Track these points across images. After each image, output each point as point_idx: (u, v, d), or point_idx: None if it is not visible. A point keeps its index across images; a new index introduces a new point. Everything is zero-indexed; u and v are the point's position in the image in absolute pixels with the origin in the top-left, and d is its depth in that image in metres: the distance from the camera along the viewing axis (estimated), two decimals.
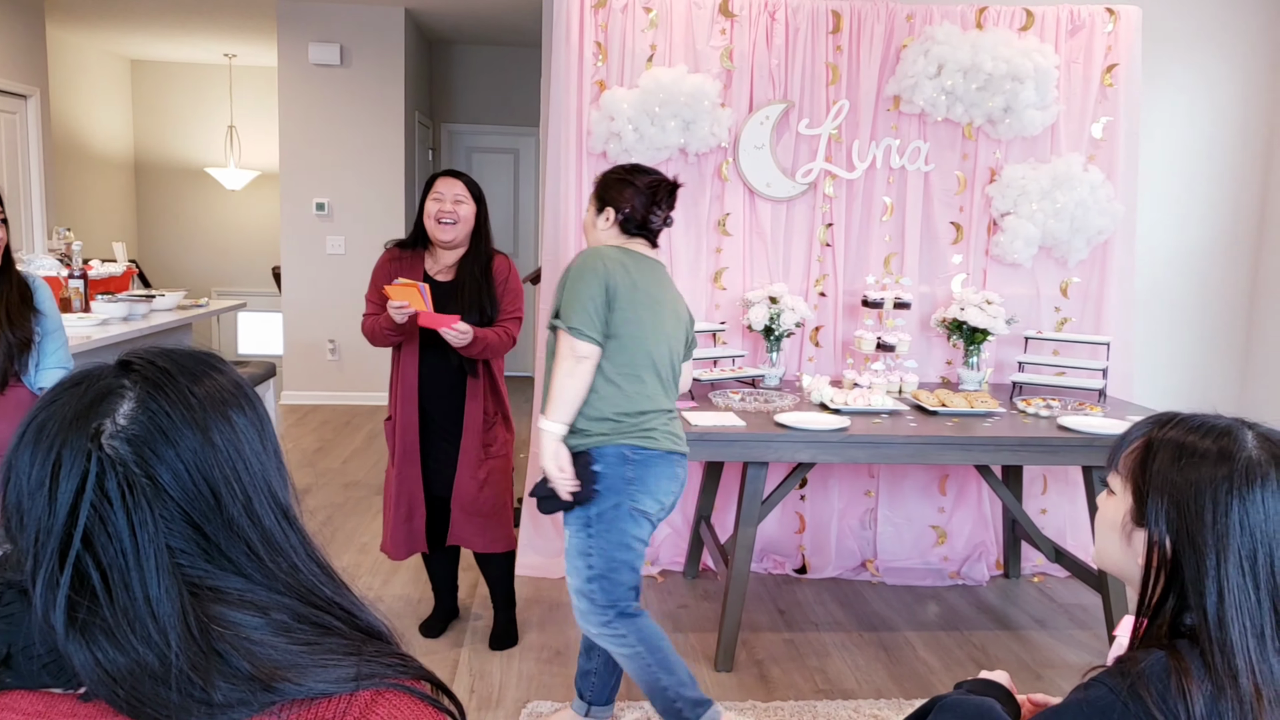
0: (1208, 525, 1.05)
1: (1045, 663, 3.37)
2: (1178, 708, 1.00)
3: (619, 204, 2.61)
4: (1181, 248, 4.51)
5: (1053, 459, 3.30)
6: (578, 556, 2.51)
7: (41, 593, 0.72)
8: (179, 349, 0.84)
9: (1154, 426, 1.15)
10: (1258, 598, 1.03)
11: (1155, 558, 1.10)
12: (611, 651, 2.56)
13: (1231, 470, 1.06)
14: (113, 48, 8.58)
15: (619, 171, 2.67)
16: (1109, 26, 4.01)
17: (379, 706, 0.75)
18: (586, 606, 2.53)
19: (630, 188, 2.62)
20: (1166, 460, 1.10)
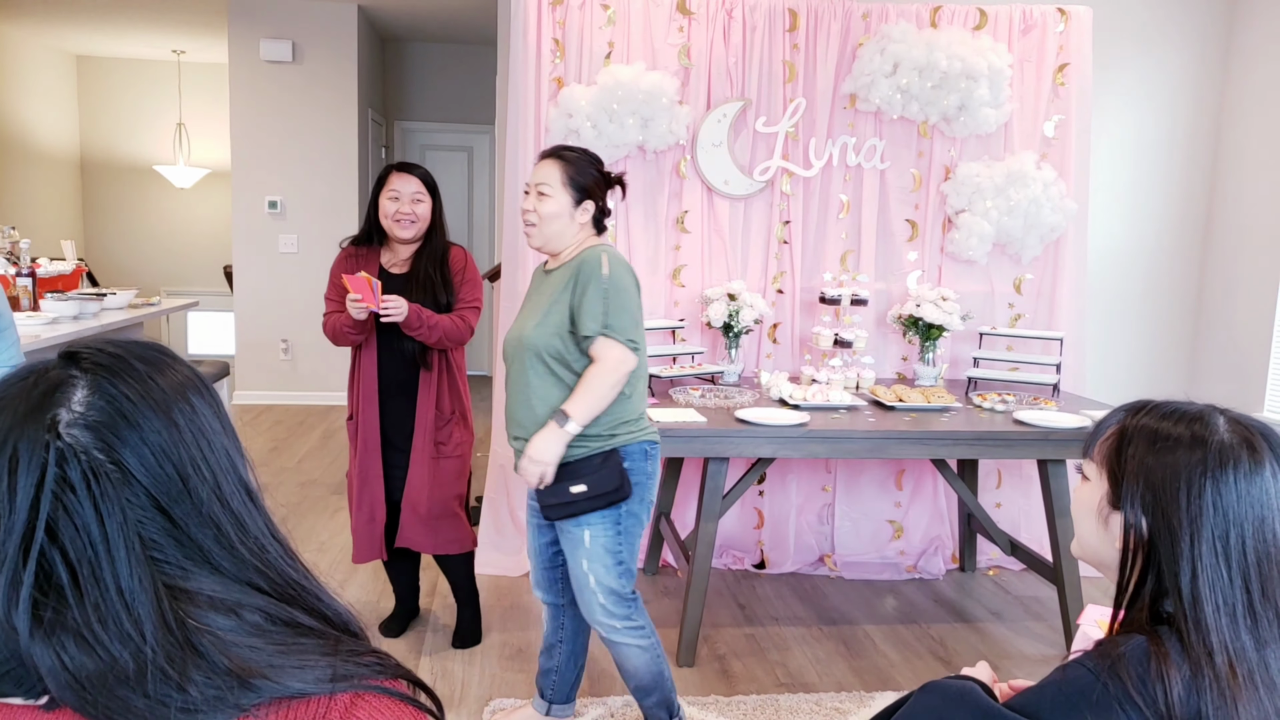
0: (1182, 507, 1.08)
1: (1002, 654, 3.42)
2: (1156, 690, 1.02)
3: (597, 197, 2.47)
4: (1131, 244, 4.61)
5: (1008, 453, 3.35)
6: (606, 555, 2.44)
7: (3, 593, 0.69)
8: (126, 339, 0.81)
9: (1128, 414, 1.18)
10: (1229, 577, 1.06)
11: (1131, 540, 1.12)
12: (625, 648, 2.50)
13: (1205, 454, 1.08)
14: (57, 43, 8.37)
15: (588, 157, 2.49)
16: (1060, 27, 4.08)
17: (359, 709, 0.74)
18: (613, 603, 2.47)
19: (602, 180, 2.49)
20: (1141, 446, 1.12)
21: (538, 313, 2.43)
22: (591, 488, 2.39)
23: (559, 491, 2.40)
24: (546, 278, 2.51)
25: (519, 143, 3.91)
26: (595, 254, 2.40)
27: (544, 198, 2.42)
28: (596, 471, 2.40)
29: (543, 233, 2.44)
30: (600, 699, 2.97)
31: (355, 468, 3.12)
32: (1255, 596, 1.06)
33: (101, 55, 8.88)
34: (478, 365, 8.05)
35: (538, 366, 2.40)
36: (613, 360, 2.35)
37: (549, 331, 2.39)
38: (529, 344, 2.41)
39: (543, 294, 2.47)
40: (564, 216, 2.42)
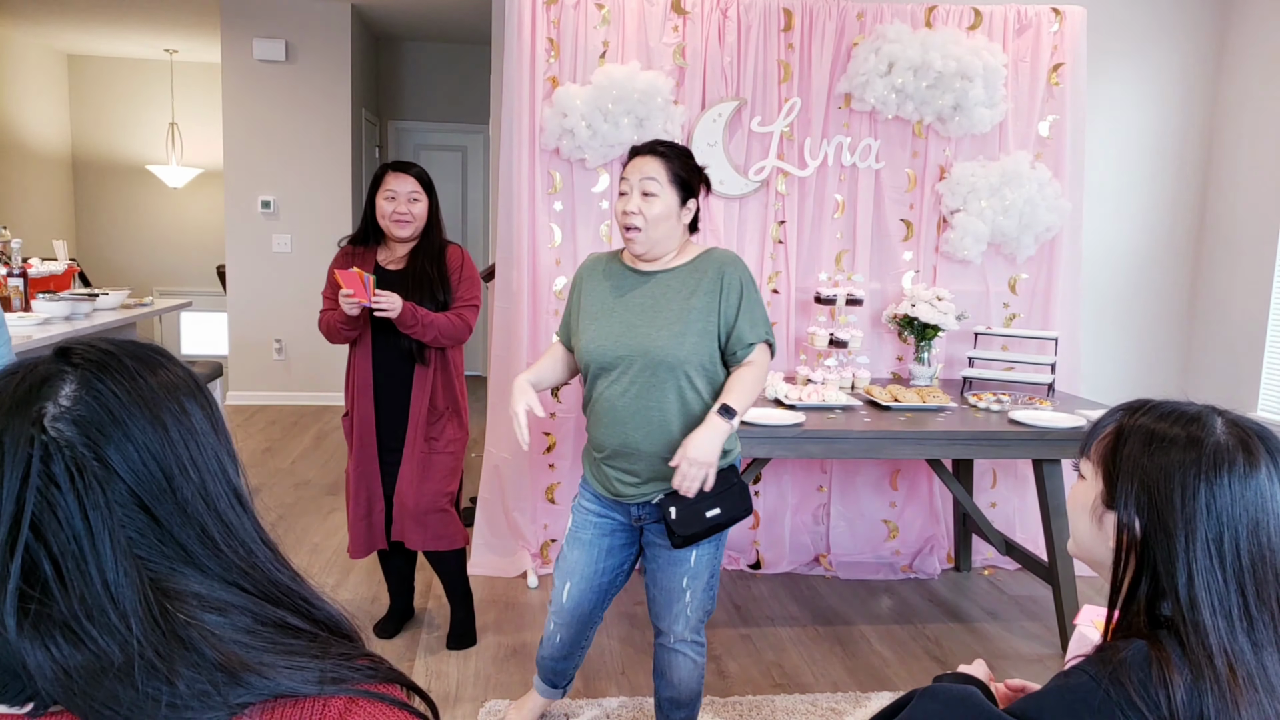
0: (1176, 508, 1.07)
1: (997, 654, 3.41)
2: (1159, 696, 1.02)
3: (697, 195, 2.31)
4: (1125, 244, 4.62)
5: (1004, 452, 3.35)
6: (707, 572, 2.35)
7: None
8: (122, 339, 0.81)
9: (1126, 413, 1.17)
10: (1224, 579, 1.05)
11: (1125, 540, 1.11)
12: (684, 659, 2.42)
13: (1200, 455, 1.08)
14: (49, 42, 8.34)
15: (683, 151, 2.30)
16: (1055, 26, 4.08)
17: (353, 715, 0.73)
18: (698, 619, 2.39)
19: (699, 173, 2.31)
20: (1137, 446, 1.12)
21: (672, 324, 2.22)
22: (724, 510, 2.27)
23: (693, 519, 2.24)
24: (649, 281, 2.30)
25: (513, 142, 3.90)
26: (734, 260, 2.28)
27: (650, 198, 2.22)
28: (725, 491, 2.27)
29: (649, 236, 2.23)
30: (595, 700, 2.96)
31: (352, 463, 3.12)
32: (1250, 599, 1.05)
33: (93, 54, 8.84)
34: (472, 365, 8.03)
35: (684, 383, 2.24)
36: (766, 364, 2.29)
37: (697, 344, 2.22)
38: (677, 361, 2.21)
39: (666, 301, 2.26)
40: (671, 218, 2.24)
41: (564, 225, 3.97)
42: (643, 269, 2.33)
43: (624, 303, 2.30)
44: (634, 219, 2.22)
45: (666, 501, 2.26)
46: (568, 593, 2.47)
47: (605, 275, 2.38)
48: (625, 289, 2.32)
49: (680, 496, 2.23)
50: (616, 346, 2.26)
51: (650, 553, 2.42)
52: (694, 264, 2.29)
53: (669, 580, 2.37)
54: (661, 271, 2.30)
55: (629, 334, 2.25)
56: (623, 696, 3.00)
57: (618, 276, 2.35)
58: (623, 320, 2.28)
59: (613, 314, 2.30)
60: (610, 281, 2.35)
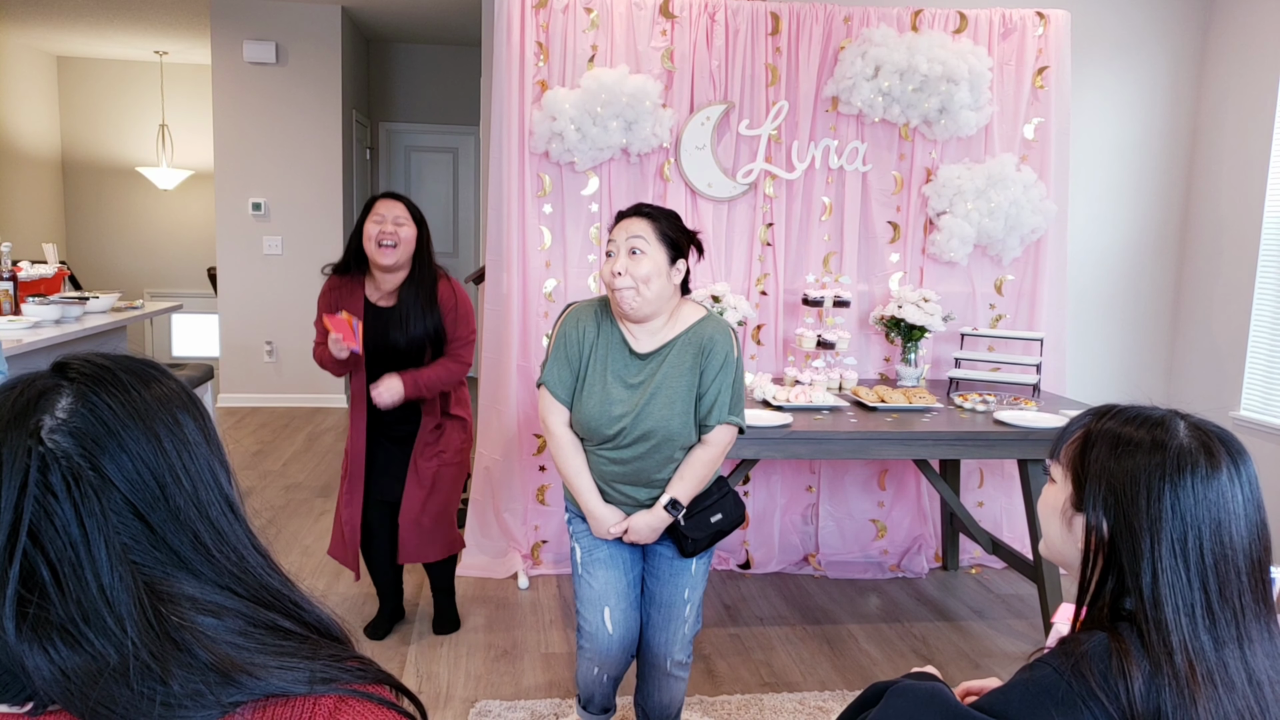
0: (1142, 510, 1.11)
1: (984, 652, 3.45)
2: (1118, 686, 1.05)
3: (688, 255, 2.31)
4: (1110, 246, 4.66)
5: (989, 453, 3.39)
6: (703, 582, 2.43)
7: None
8: (118, 354, 0.83)
9: (1094, 418, 1.21)
10: (1188, 578, 1.09)
11: (1093, 541, 1.15)
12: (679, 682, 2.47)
13: (1164, 458, 1.11)
14: (38, 43, 8.32)
15: (670, 213, 2.31)
16: (1039, 30, 4.12)
17: (343, 715, 0.76)
18: (693, 634, 2.45)
19: (688, 235, 2.31)
20: (1104, 449, 1.15)
21: (674, 403, 2.27)
22: (725, 514, 2.37)
23: (702, 524, 2.34)
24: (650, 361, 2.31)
25: (503, 145, 3.92)
26: (723, 335, 2.29)
27: (639, 256, 2.21)
28: (722, 499, 2.39)
29: (642, 296, 2.21)
30: None
31: (343, 486, 3.17)
32: (1214, 598, 1.09)
33: (83, 56, 8.83)
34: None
35: (680, 452, 2.33)
36: (723, 444, 2.32)
37: (690, 421, 2.29)
38: (678, 436, 2.28)
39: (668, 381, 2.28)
40: (661, 276, 2.22)
41: (553, 228, 3.99)
42: (639, 350, 2.32)
43: (627, 385, 2.31)
44: (621, 280, 2.21)
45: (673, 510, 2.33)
46: (610, 619, 2.37)
47: (606, 345, 2.34)
48: (628, 373, 2.31)
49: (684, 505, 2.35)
50: (618, 422, 2.29)
51: (651, 566, 2.44)
52: (688, 335, 2.30)
53: (670, 594, 2.41)
54: (659, 349, 2.31)
55: (632, 416, 2.28)
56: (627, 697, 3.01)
57: (617, 353, 2.33)
58: (627, 403, 2.29)
59: (615, 395, 2.30)
60: (611, 355, 2.33)
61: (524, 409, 4.02)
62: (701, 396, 2.28)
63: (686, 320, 2.33)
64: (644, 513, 2.34)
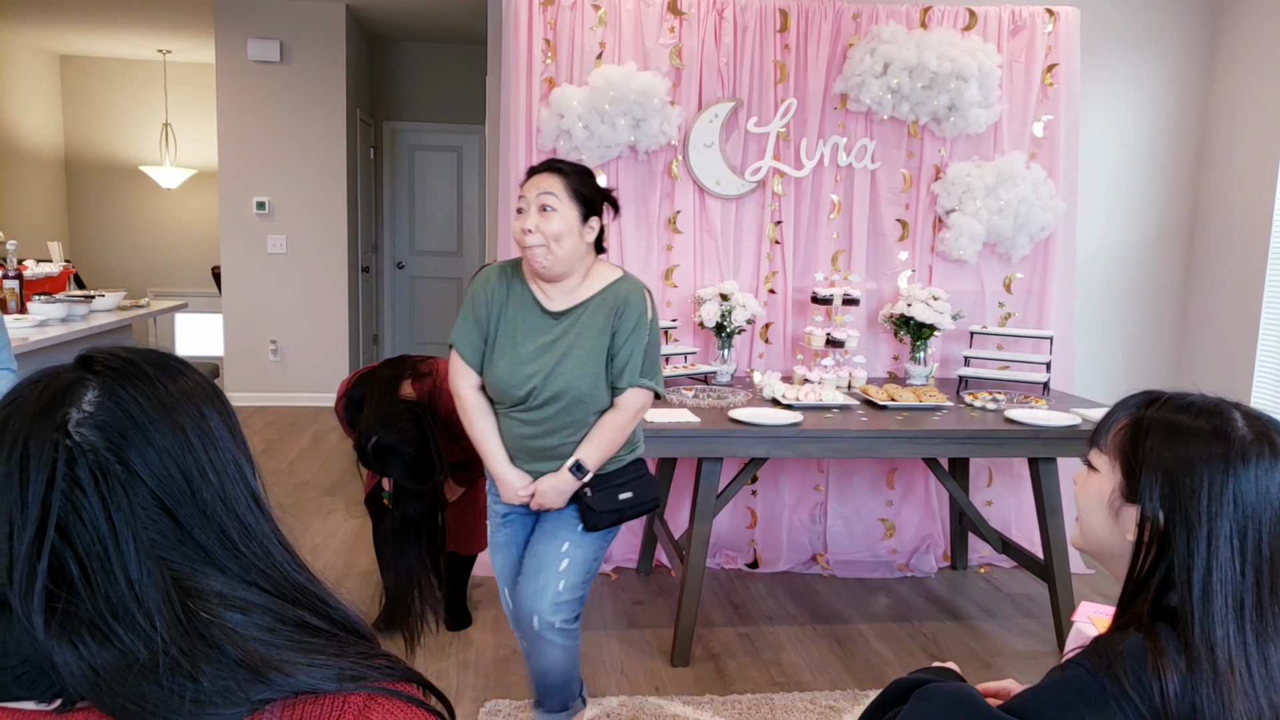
0: (1202, 501, 1.08)
1: (994, 651, 3.43)
2: (1152, 687, 1.03)
3: (600, 213, 2.26)
4: (1119, 243, 4.64)
5: (1000, 451, 3.37)
6: (587, 563, 2.35)
7: (19, 589, 0.70)
8: (143, 347, 0.82)
9: (1141, 406, 1.18)
10: (1243, 570, 1.07)
11: (1148, 532, 1.12)
12: (556, 650, 2.37)
13: (1228, 448, 1.09)
14: (41, 42, 8.31)
15: (585, 169, 2.27)
16: (1049, 27, 4.10)
17: (372, 712, 0.75)
18: (571, 609, 2.35)
19: (602, 193, 2.27)
20: (1159, 438, 1.13)
21: (585, 364, 2.23)
22: (636, 494, 2.34)
23: (608, 498, 2.30)
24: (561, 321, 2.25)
25: (510, 143, 3.91)
26: (637, 294, 2.25)
27: (549, 213, 2.17)
28: (636, 479, 2.36)
29: (553, 254, 2.17)
30: (596, 699, 2.97)
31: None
32: (1265, 592, 1.07)
33: (86, 55, 8.82)
34: None
35: (593, 417, 2.28)
36: (635, 408, 2.28)
37: (601, 383, 2.25)
38: (590, 398, 2.24)
39: (580, 340, 2.24)
40: (573, 234, 2.18)
41: None
42: (552, 309, 2.26)
43: (538, 345, 2.25)
44: (532, 237, 2.17)
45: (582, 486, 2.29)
46: (507, 599, 2.48)
47: (516, 306, 2.29)
48: (538, 331, 2.26)
49: (596, 479, 2.29)
50: (529, 382, 2.23)
51: (539, 523, 2.39)
52: (602, 296, 2.24)
53: (545, 548, 2.32)
54: (573, 309, 2.25)
55: (542, 375, 2.22)
56: (622, 695, 3.01)
57: (528, 312, 2.27)
58: (537, 363, 2.23)
59: (525, 355, 2.25)
60: (521, 315, 2.28)
61: None
62: (614, 358, 2.23)
63: (602, 280, 2.27)
64: (550, 475, 2.28)
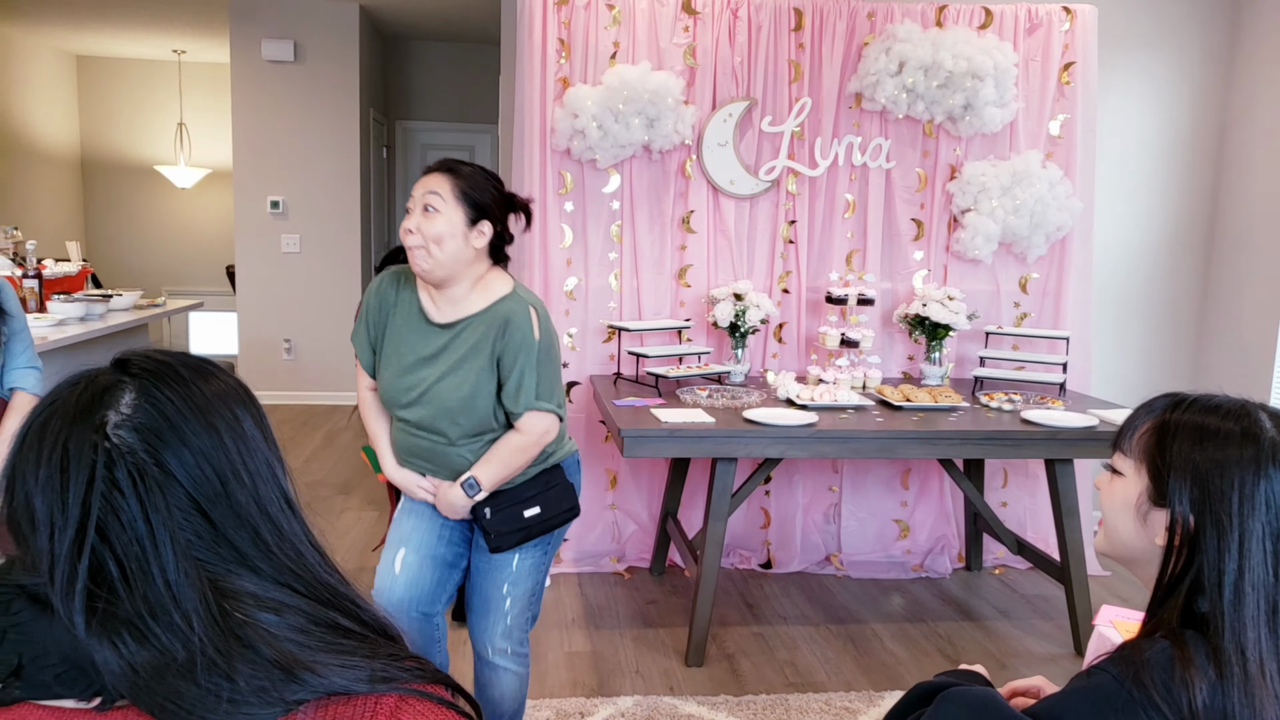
0: (1233, 504, 1.07)
1: (1010, 652, 3.42)
2: (1180, 695, 1.02)
3: (495, 218, 2.10)
4: (1136, 243, 4.61)
5: (1016, 452, 3.35)
6: (530, 579, 2.25)
7: (61, 589, 0.71)
8: (175, 351, 0.83)
9: (1167, 409, 1.17)
10: (1275, 573, 1.06)
11: (1178, 536, 1.11)
12: (505, 673, 2.28)
13: (1258, 450, 1.08)
14: (57, 43, 8.36)
15: (486, 173, 2.12)
16: (1065, 25, 4.08)
17: (404, 714, 0.75)
18: (518, 629, 2.26)
19: (499, 193, 2.12)
20: (1188, 441, 1.12)
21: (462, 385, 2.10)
22: (545, 509, 2.18)
23: (510, 518, 2.15)
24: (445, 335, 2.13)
25: (524, 143, 3.91)
26: (522, 313, 2.09)
27: (432, 214, 2.04)
28: (546, 491, 2.20)
29: (433, 257, 2.03)
30: (610, 699, 2.97)
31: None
32: None
33: (102, 55, 8.87)
34: None
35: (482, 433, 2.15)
36: (538, 433, 2.13)
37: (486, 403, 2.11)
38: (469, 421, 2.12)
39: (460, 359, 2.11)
40: (456, 237, 2.03)
41: (575, 225, 3.98)
42: (438, 320, 2.14)
43: (420, 357, 2.15)
44: (412, 238, 2.04)
45: (479, 505, 2.16)
46: (400, 562, 2.21)
47: (403, 315, 2.18)
48: (421, 343, 2.15)
49: (494, 497, 2.15)
50: (408, 394, 2.14)
51: (475, 556, 2.27)
52: (486, 313, 2.11)
53: (489, 585, 2.23)
54: (457, 323, 2.12)
55: (425, 394, 2.12)
56: (637, 695, 3.01)
57: (414, 322, 2.16)
58: (416, 375, 2.13)
59: (407, 365, 2.15)
60: (406, 325, 2.17)
61: None
62: (504, 382, 2.09)
63: (492, 294, 2.12)
64: (445, 486, 2.17)
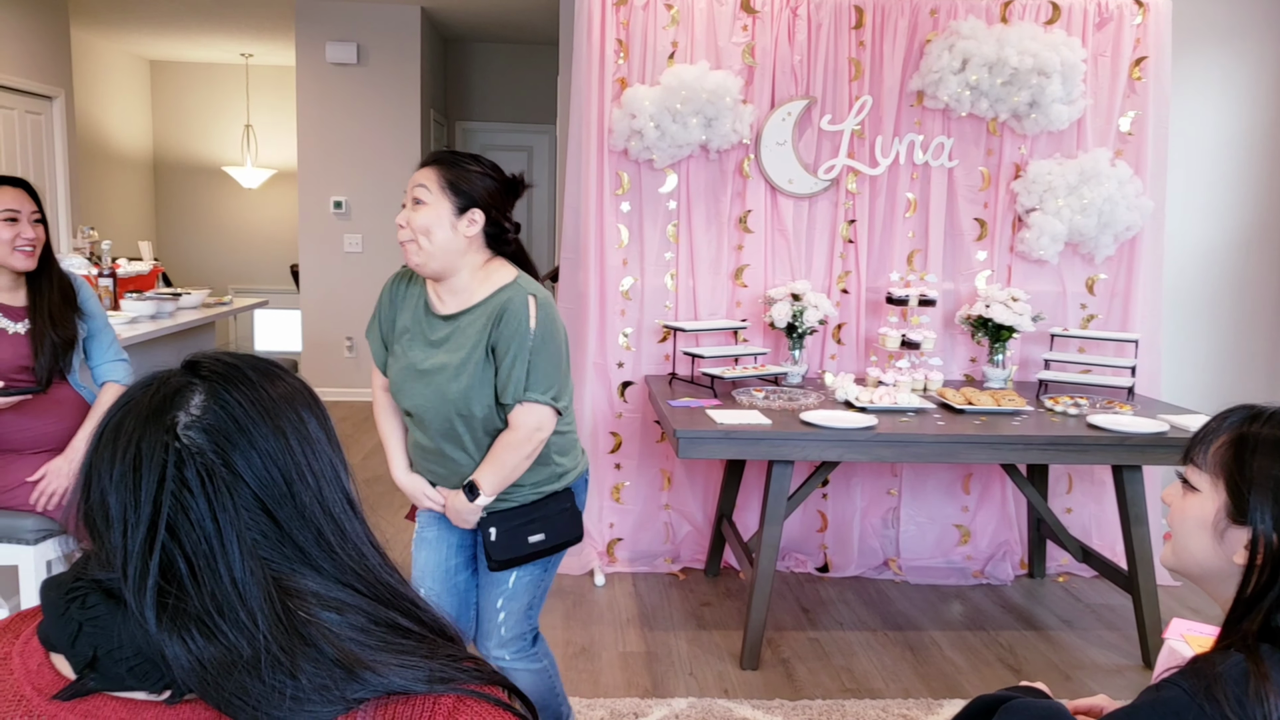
0: None
1: (1074, 664, 3.34)
2: (1254, 712, 0.99)
3: (490, 206, 2.08)
4: (1210, 243, 4.46)
5: (1083, 458, 3.27)
6: (526, 596, 2.24)
7: (133, 585, 0.73)
8: (243, 354, 0.85)
9: (1245, 421, 1.13)
10: None
11: (1261, 554, 1.07)
12: (515, 673, 2.29)
13: None
14: (133, 49, 8.62)
15: (478, 162, 2.10)
16: (1137, 19, 3.97)
17: (461, 714, 0.76)
18: (512, 639, 2.26)
19: (492, 182, 2.09)
20: (1269, 455, 1.08)
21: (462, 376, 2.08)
22: (550, 536, 2.18)
23: (515, 544, 2.14)
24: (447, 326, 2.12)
25: (582, 143, 3.93)
26: (519, 301, 2.07)
27: (420, 207, 2.04)
28: (553, 518, 2.19)
29: (424, 249, 2.04)
30: (664, 700, 2.96)
31: None
32: None
33: (174, 60, 9.12)
34: None
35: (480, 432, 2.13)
36: (529, 428, 2.08)
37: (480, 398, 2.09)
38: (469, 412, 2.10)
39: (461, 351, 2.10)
40: (444, 227, 2.03)
41: (631, 225, 3.98)
42: (442, 311, 2.14)
43: (425, 350, 2.14)
44: (402, 232, 2.06)
45: (488, 521, 2.15)
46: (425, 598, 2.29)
47: (411, 309, 2.19)
48: (426, 335, 2.15)
49: (503, 516, 2.14)
50: (415, 396, 2.14)
51: (479, 568, 2.29)
52: (486, 303, 2.09)
53: (484, 599, 2.26)
54: (459, 314, 2.11)
55: (427, 387, 2.11)
56: (691, 697, 3.00)
57: (420, 315, 2.17)
58: (421, 371, 2.12)
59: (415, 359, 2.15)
60: (413, 319, 2.18)
61: (599, 406, 4.02)
62: (497, 373, 2.08)
63: (494, 283, 2.11)
64: (451, 495, 2.16)
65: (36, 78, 6.01)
